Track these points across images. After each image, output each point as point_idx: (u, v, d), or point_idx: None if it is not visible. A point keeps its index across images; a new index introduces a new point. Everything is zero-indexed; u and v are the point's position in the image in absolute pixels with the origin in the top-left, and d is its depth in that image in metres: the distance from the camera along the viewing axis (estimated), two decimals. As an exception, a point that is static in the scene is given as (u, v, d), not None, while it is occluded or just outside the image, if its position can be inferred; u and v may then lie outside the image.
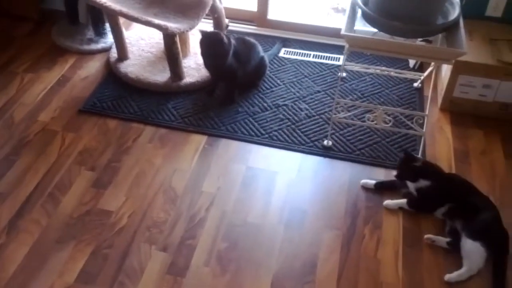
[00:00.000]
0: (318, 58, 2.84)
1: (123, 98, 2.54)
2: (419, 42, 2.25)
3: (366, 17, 2.13)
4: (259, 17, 3.06)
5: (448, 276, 1.82)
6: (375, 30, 2.15)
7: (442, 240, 1.92)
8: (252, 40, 2.61)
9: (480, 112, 2.49)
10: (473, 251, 1.84)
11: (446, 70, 2.54)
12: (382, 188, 2.10)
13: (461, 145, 2.34)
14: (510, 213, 2.04)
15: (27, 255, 1.84)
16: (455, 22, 2.10)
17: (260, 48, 2.62)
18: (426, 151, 2.30)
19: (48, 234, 1.91)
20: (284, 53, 2.88)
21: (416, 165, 1.99)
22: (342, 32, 2.05)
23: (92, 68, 2.76)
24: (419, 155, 2.25)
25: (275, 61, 2.81)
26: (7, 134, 2.33)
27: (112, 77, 2.68)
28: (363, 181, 2.13)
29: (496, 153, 2.31)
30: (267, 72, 2.69)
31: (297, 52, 2.89)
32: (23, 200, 2.03)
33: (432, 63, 2.40)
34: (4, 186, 2.09)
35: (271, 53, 2.82)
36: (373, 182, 2.11)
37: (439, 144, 2.35)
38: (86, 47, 2.89)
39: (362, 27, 2.25)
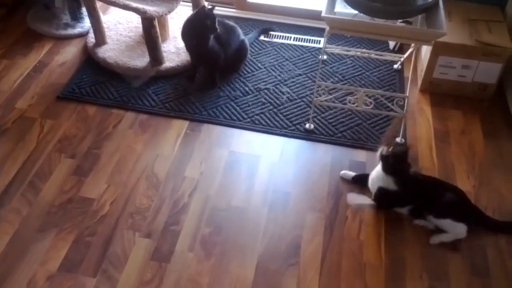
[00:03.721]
0: (298, 41, 2.83)
1: (102, 84, 2.50)
2: (399, 23, 2.26)
3: (346, -1, 2.12)
4: (239, 0, 3.02)
5: (432, 239, 1.90)
6: (355, 12, 2.14)
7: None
8: (231, 23, 2.58)
9: (459, 93, 2.52)
10: (448, 225, 1.89)
11: (425, 51, 2.55)
12: (360, 182, 2.07)
13: (441, 126, 2.37)
14: (489, 190, 2.08)
15: (8, 245, 1.82)
16: (435, 3, 2.10)
17: (240, 31, 2.59)
18: (407, 132, 2.32)
19: (29, 223, 1.89)
20: (264, 37, 2.86)
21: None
22: (323, 14, 2.04)
23: (70, 53, 2.70)
24: (400, 137, 2.27)
25: (255, 44, 2.79)
26: (-16, 122, 2.28)
27: (90, 62, 2.63)
28: (343, 172, 2.11)
29: (475, 133, 2.35)
30: (248, 55, 2.67)
31: (278, 35, 2.87)
32: (2, 189, 2.00)
33: (412, 45, 2.41)
34: (-18, 175, 2.05)
35: (251, 36, 2.80)
36: (352, 174, 2.10)
37: (420, 125, 2.37)
38: (63, 32, 2.82)
39: (343, 9, 2.24)
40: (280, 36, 2.87)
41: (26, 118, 2.31)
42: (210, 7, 2.39)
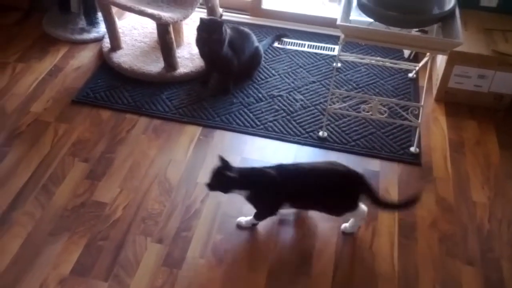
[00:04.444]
0: (312, 48, 2.83)
1: (116, 89, 2.51)
2: (414, 32, 2.24)
3: (362, 7, 2.11)
4: (253, 7, 3.03)
5: (344, 226, 1.93)
6: (371, 20, 2.14)
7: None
8: (246, 29, 2.59)
9: (475, 103, 2.49)
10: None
11: (441, 60, 2.54)
12: None
13: (456, 136, 2.35)
14: (504, 202, 2.06)
15: (21, 248, 1.83)
16: (451, 12, 2.09)
17: (254, 38, 2.59)
18: (421, 142, 2.30)
19: (41, 226, 1.90)
20: (278, 44, 2.86)
21: (230, 175, 1.75)
22: (338, 22, 2.04)
23: (85, 58, 2.72)
24: (414, 146, 2.25)
25: (269, 51, 2.79)
26: (-1, 125, 2.31)
27: (105, 67, 2.65)
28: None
29: (491, 143, 2.32)
30: (262, 62, 2.67)
31: (292, 42, 2.87)
32: (16, 192, 2.01)
33: (428, 54, 2.39)
34: (-4, 178, 2.07)
35: (266, 43, 2.80)
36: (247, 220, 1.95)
37: (434, 135, 2.35)
38: (78, 36, 2.85)
39: (358, 17, 2.24)
40: (294, 43, 2.86)
41: (40, 121, 2.33)
42: (213, 18, 2.39)
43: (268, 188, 1.81)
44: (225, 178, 1.75)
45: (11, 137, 2.24)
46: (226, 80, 2.54)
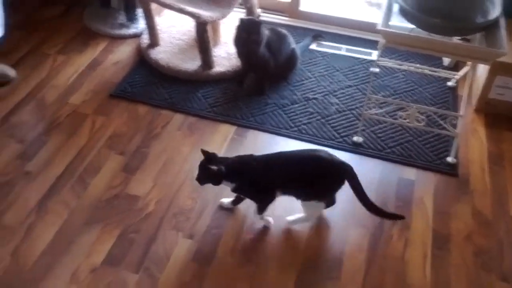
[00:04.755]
0: (350, 52, 2.80)
1: (153, 85, 2.54)
2: (457, 40, 2.20)
3: (404, 13, 2.08)
4: (291, 8, 3.02)
5: (288, 218, 1.92)
6: (411, 26, 2.10)
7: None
8: (283, 31, 2.58)
9: (516, 115, 2.43)
10: (310, 206, 1.87)
11: (482, 70, 2.48)
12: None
13: (495, 148, 2.29)
14: (543, 219, 2.00)
15: (56, 235, 1.86)
16: (495, 21, 2.04)
17: (291, 40, 2.59)
18: (459, 152, 2.25)
19: (76, 216, 1.93)
20: (315, 46, 2.84)
21: (214, 169, 1.75)
22: (379, 27, 2.02)
23: (123, 53, 2.76)
24: (452, 156, 2.21)
25: (306, 53, 2.78)
26: (39, 115, 2.35)
27: (143, 63, 2.68)
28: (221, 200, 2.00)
29: (531, 157, 2.26)
30: (298, 64, 2.65)
31: (329, 45, 2.85)
32: (53, 180, 2.05)
33: (469, 63, 2.34)
34: (35, 165, 2.11)
35: (303, 45, 2.78)
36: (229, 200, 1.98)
37: (472, 146, 2.30)
38: (118, 31, 2.89)
39: (398, 22, 2.21)
40: (331, 46, 2.84)
41: (79, 113, 2.37)
42: (255, 18, 2.39)
43: (252, 179, 1.81)
44: (210, 172, 1.75)
45: (50, 127, 2.29)
46: (261, 80, 2.54)
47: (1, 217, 1.90)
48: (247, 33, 2.34)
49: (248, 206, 1.99)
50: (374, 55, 2.75)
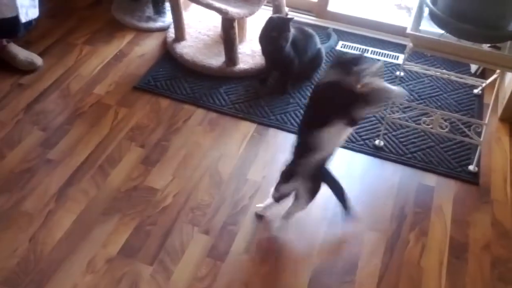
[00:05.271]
0: (376, 54, 2.78)
1: (176, 79, 2.56)
2: (486, 47, 2.16)
3: (434, 17, 2.05)
4: (319, 8, 3.01)
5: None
6: (441, 31, 2.07)
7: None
8: (310, 30, 2.56)
9: (542, 126, 2.38)
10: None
11: (510, 79, 2.43)
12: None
13: (519, 158, 2.25)
14: None
15: (74, 223, 1.89)
16: (528, 30, 2.00)
17: (318, 40, 2.57)
18: (481, 161, 2.21)
19: (95, 205, 1.95)
20: (341, 47, 2.82)
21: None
22: (408, 31, 1.99)
23: (149, 46, 2.78)
24: (474, 165, 2.17)
25: (331, 54, 2.76)
26: (63, 103, 2.39)
27: (168, 57, 2.70)
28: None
29: (556, 170, 2.21)
30: (322, 65, 2.64)
31: (355, 47, 2.83)
32: (74, 169, 2.08)
33: (497, 71, 2.30)
34: (56, 153, 2.14)
35: (328, 45, 2.76)
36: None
37: (496, 155, 2.26)
38: (145, 24, 2.91)
39: (428, 27, 2.18)
40: (357, 48, 2.82)
41: (102, 104, 2.40)
42: (284, 16, 2.38)
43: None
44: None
45: (74, 116, 2.32)
46: (285, 79, 2.53)
47: (22, 203, 1.94)
48: (275, 32, 2.33)
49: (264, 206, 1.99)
50: (401, 58, 2.71)
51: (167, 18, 2.92)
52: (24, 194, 1.97)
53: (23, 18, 2.29)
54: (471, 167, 2.17)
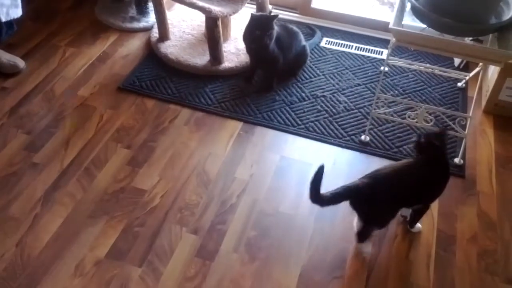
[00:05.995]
0: (360, 50, 2.79)
1: (162, 79, 2.54)
2: (468, 41, 2.18)
3: (416, 12, 2.07)
4: (303, 5, 3.01)
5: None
6: (423, 25, 2.09)
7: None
8: (294, 28, 2.57)
9: (525, 118, 2.41)
10: None
11: (492, 71, 2.46)
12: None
13: (503, 150, 2.27)
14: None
15: (61, 227, 1.87)
16: (509, 23, 2.01)
17: (302, 37, 2.58)
18: (466, 153, 2.23)
19: (81, 208, 1.94)
20: (325, 43, 2.83)
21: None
22: (391, 26, 2.00)
23: (133, 46, 2.77)
24: (459, 157, 2.19)
25: (315, 51, 2.77)
26: (47, 106, 2.36)
27: (152, 56, 2.68)
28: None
29: (540, 161, 2.24)
30: (307, 61, 2.64)
31: (339, 43, 2.84)
32: (60, 172, 2.06)
33: (480, 64, 2.32)
34: (41, 157, 2.12)
35: (312, 42, 2.77)
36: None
37: (480, 147, 2.28)
38: (128, 25, 2.90)
39: (410, 22, 2.19)
40: (341, 44, 2.83)
41: (87, 106, 2.38)
42: (268, 14, 2.38)
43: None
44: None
45: (58, 118, 2.30)
46: (270, 77, 2.54)
47: (8, 208, 1.92)
48: (258, 29, 2.33)
49: (252, 204, 1.99)
50: (385, 54, 2.73)
51: (151, 18, 2.91)
52: (10, 199, 1.95)
53: (3, 18, 2.26)
54: (456, 160, 2.19)
